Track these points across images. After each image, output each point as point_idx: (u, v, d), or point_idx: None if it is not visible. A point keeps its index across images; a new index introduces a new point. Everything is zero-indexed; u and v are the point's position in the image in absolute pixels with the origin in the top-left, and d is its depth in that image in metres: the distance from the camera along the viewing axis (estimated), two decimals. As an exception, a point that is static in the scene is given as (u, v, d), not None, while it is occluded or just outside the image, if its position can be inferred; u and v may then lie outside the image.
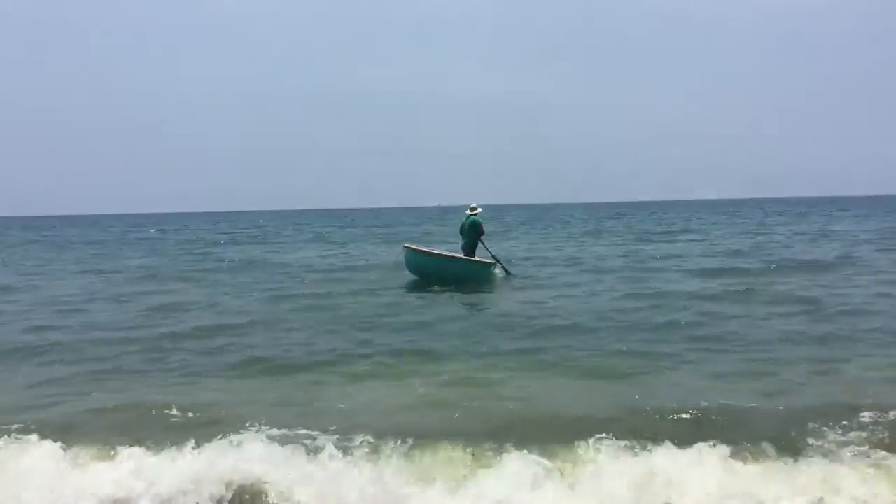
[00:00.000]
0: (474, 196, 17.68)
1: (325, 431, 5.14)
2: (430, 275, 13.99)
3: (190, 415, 5.67)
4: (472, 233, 14.50)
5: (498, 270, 14.69)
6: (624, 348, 7.71)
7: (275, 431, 5.15)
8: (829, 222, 37.31)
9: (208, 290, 13.68)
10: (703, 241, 25.53)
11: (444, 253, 14.84)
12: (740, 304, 10.45)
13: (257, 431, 5.16)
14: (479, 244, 14.61)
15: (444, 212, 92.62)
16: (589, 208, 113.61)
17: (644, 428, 5.05)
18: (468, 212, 14.74)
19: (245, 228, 53.72)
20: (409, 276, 14.64)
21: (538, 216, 70.05)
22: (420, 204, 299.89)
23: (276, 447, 4.86)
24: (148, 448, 4.95)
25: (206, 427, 5.34)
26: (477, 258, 14.51)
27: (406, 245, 15.22)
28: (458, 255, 14.45)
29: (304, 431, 5.14)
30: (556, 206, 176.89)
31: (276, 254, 24.41)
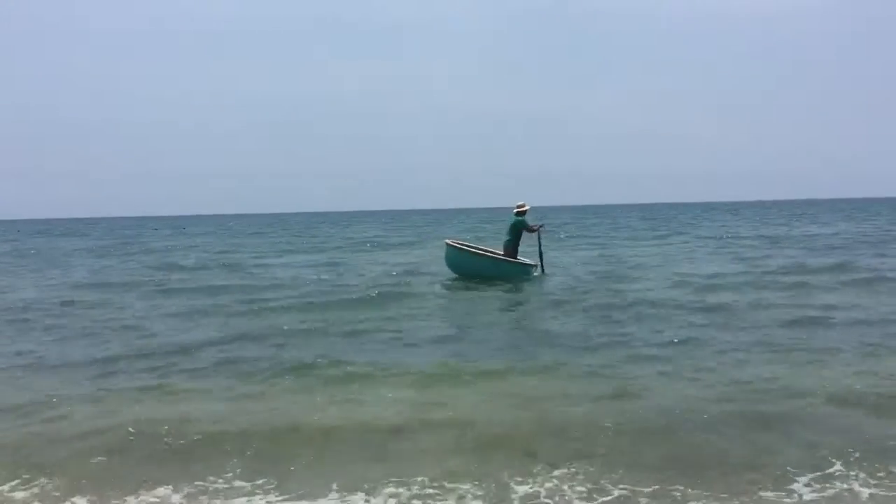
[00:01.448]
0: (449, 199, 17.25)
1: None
2: (469, 273, 14.17)
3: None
4: (514, 232, 14.37)
5: (536, 272, 14.51)
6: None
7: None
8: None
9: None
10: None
11: (485, 252, 14.78)
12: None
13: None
14: (537, 242, 14.55)
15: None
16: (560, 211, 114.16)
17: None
18: (514, 210, 14.54)
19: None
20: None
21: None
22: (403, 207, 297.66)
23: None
24: None
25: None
26: (519, 259, 14.41)
27: (447, 242, 15.22)
28: (499, 255, 14.35)
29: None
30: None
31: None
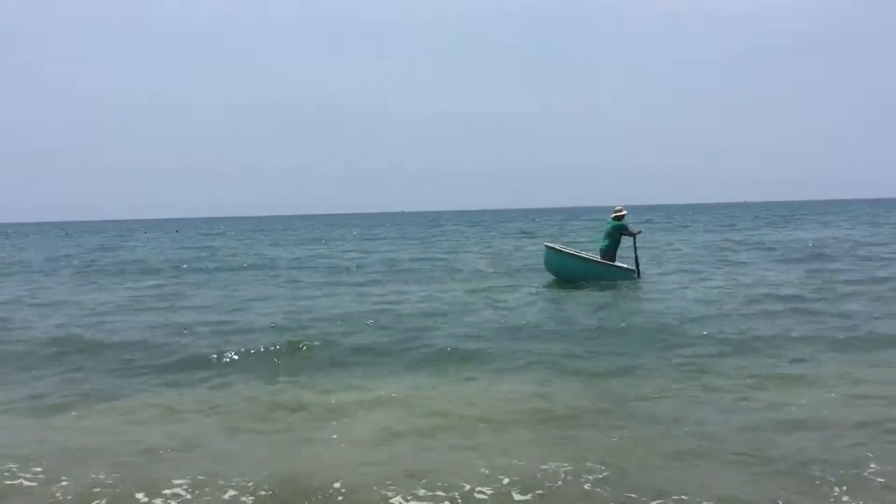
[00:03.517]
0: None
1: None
2: (568, 275, 14.15)
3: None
4: (613, 237, 14.24)
5: (638, 280, 14.31)
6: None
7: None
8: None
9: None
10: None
11: (584, 255, 14.72)
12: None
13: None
14: (631, 246, 14.33)
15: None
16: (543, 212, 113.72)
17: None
18: (612, 215, 14.51)
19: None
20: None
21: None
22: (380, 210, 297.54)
23: None
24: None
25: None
26: (617, 263, 14.25)
27: (547, 244, 15.30)
28: (597, 259, 14.32)
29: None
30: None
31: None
